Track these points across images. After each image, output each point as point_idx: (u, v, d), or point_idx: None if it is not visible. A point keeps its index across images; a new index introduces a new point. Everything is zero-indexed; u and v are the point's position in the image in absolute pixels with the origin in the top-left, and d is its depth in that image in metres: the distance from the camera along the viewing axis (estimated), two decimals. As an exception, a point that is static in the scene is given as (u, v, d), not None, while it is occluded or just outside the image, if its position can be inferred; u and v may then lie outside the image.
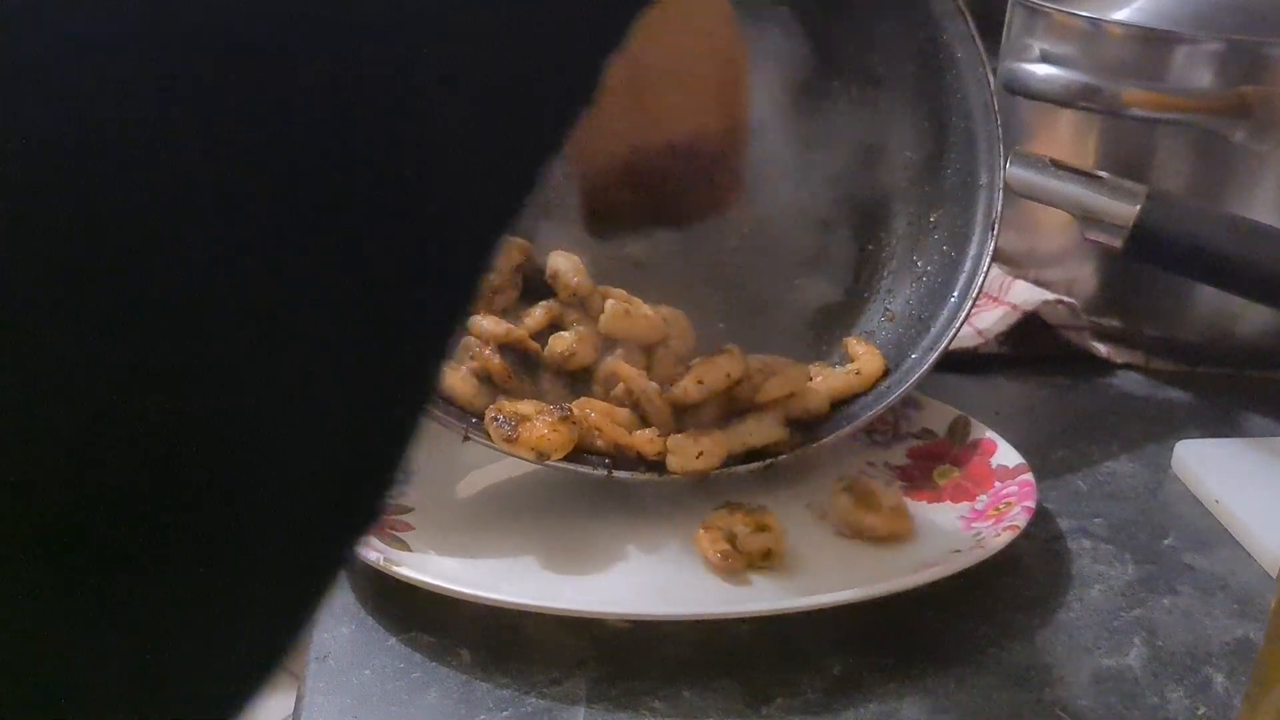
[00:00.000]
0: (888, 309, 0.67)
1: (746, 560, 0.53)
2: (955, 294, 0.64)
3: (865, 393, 0.62)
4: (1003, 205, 0.82)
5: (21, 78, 0.16)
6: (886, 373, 0.62)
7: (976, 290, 0.63)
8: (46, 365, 0.16)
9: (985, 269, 0.63)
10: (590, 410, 0.56)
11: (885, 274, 0.68)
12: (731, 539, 0.53)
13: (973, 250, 0.64)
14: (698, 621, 0.50)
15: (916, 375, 0.61)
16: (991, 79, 0.62)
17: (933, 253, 0.66)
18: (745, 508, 0.55)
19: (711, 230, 0.61)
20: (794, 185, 0.66)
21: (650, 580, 0.53)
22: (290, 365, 0.19)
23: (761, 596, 0.51)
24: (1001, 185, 0.63)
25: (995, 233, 0.63)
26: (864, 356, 0.63)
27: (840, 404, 0.61)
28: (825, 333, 0.67)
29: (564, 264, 0.60)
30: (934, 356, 0.62)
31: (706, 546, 0.53)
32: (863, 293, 0.68)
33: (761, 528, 0.54)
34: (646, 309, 0.59)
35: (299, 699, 0.47)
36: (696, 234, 0.62)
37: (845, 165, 0.67)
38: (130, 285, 0.17)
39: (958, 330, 0.62)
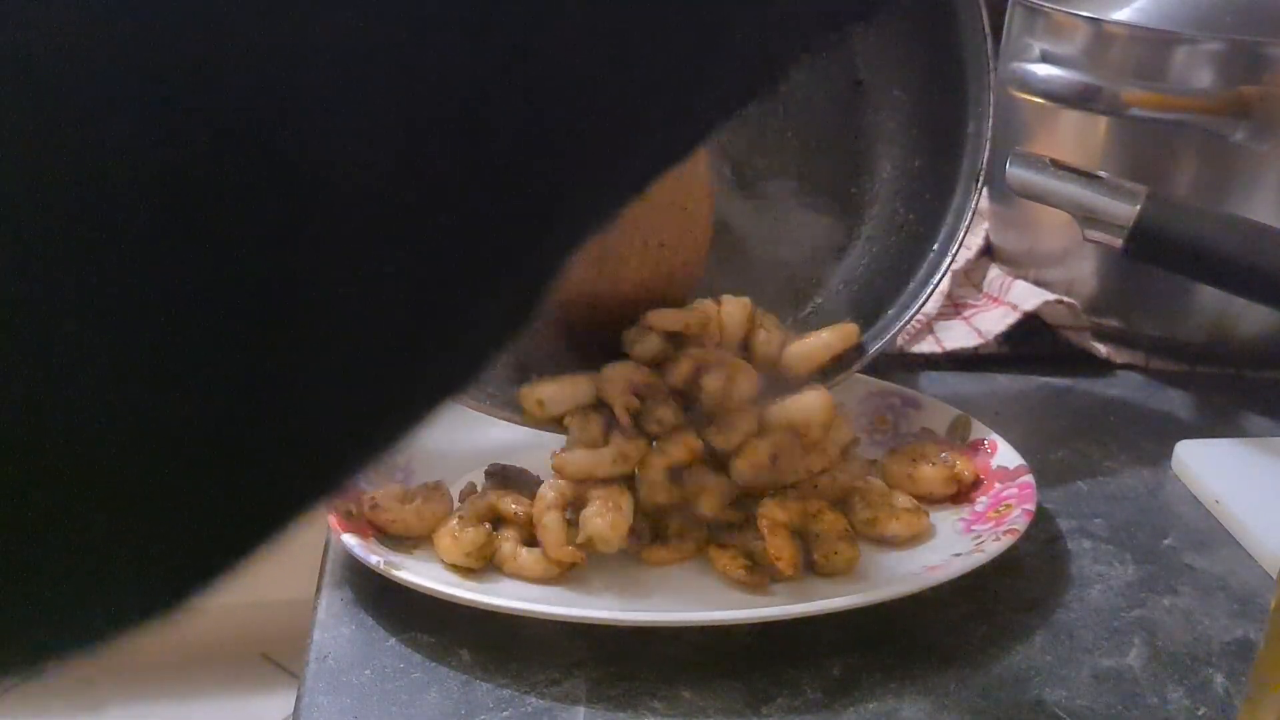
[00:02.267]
0: (868, 256, 0.66)
1: (770, 574, 0.52)
2: (936, 246, 0.62)
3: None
4: (1002, 204, 0.82)
5: None
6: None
7: (958, 244, 0.61)
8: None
9: (967, 222, 0.61)
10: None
11: (867, 219, 0.66)
12: (749, 554, 0.52)
13: (955, 202, 0.62)
14: (698, 622, 0.50)
15: (893, 330, 0.60)
16: (987, 26, 0.60)
17: (916, 201, 0.64)
18: (752, 521, 0.54)
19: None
20: (778, 119, 0.65)
21: (651, 585, 0.53)
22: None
23: (762, 602, 0.51)
24: (989, 136, 0.61)
25: (980, 185, 0.61)
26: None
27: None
28: (806, 275, 0.65)
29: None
30: (911, 312, 0.61)
31: (727, 565, 0.52)
32: (844, 237, 0.67)
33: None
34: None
35: (299, 699, 0.47)
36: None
37: (831, 99, 0.65)
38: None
39: (937, 284, 0.61)
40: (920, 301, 0.61)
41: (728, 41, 0.24)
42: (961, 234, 0.61)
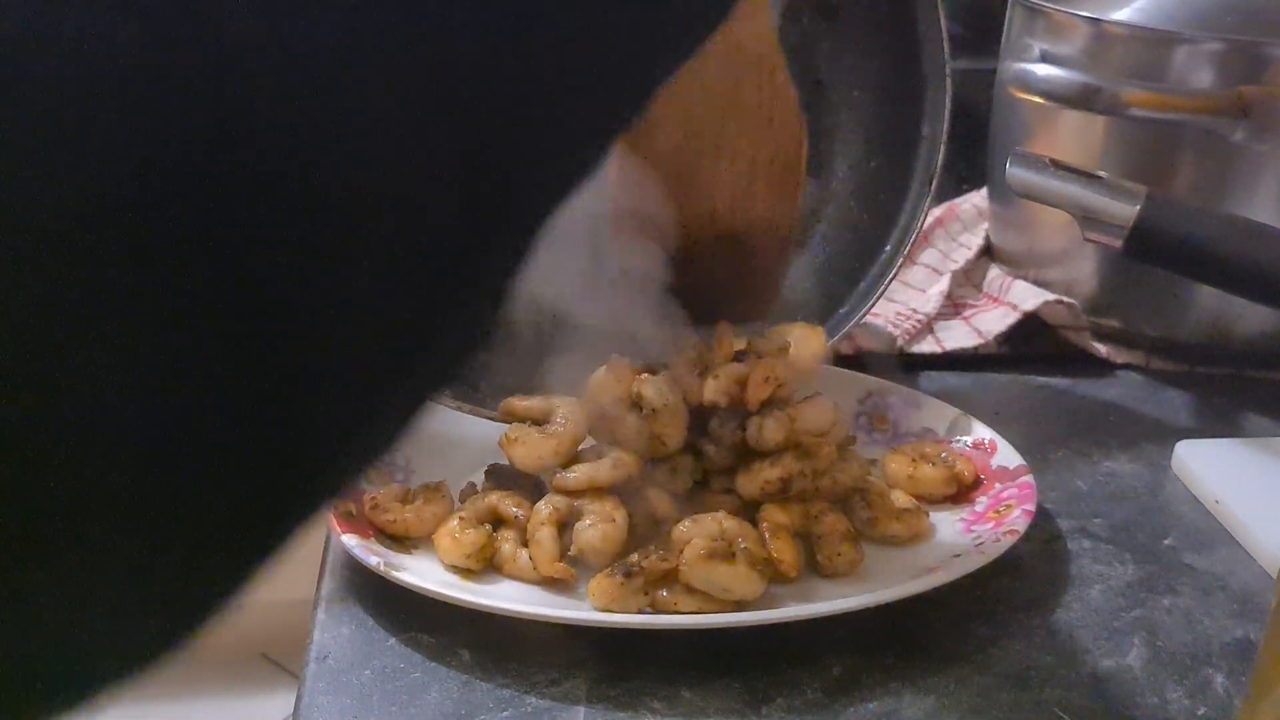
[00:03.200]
0: (823, 254, 0.66)
1: (771, 576, 0.52)
2: (889, 246, 0.63)
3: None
4: (1002, 205, 0.81)
5: None
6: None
7: (909, 243, 0.62)
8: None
9: (920, 223, 0.62)
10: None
11: (823, 218, 0.67)
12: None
13: (909, 204, 0.63)
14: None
15: (844, 330, 0.61)
16: (945, 29, 0.61)
17: (871, 201, 0.65)
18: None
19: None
20: None
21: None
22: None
23: (763, 604, 0.51)
24: (944, 139, 0.62)
25: (932, 187, 0.62)
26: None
27: None
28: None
29: None
30: (864, 310, 0.62)
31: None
32: (800, 234, 0.67)
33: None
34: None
35: (299, 699, 0.47)
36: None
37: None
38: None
39: (889, 283, 0.62)
40: (872, 300, 0.62)
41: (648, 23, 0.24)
42: (914, 234, 0.62)
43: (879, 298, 0.62)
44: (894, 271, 0.62)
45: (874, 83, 0.65)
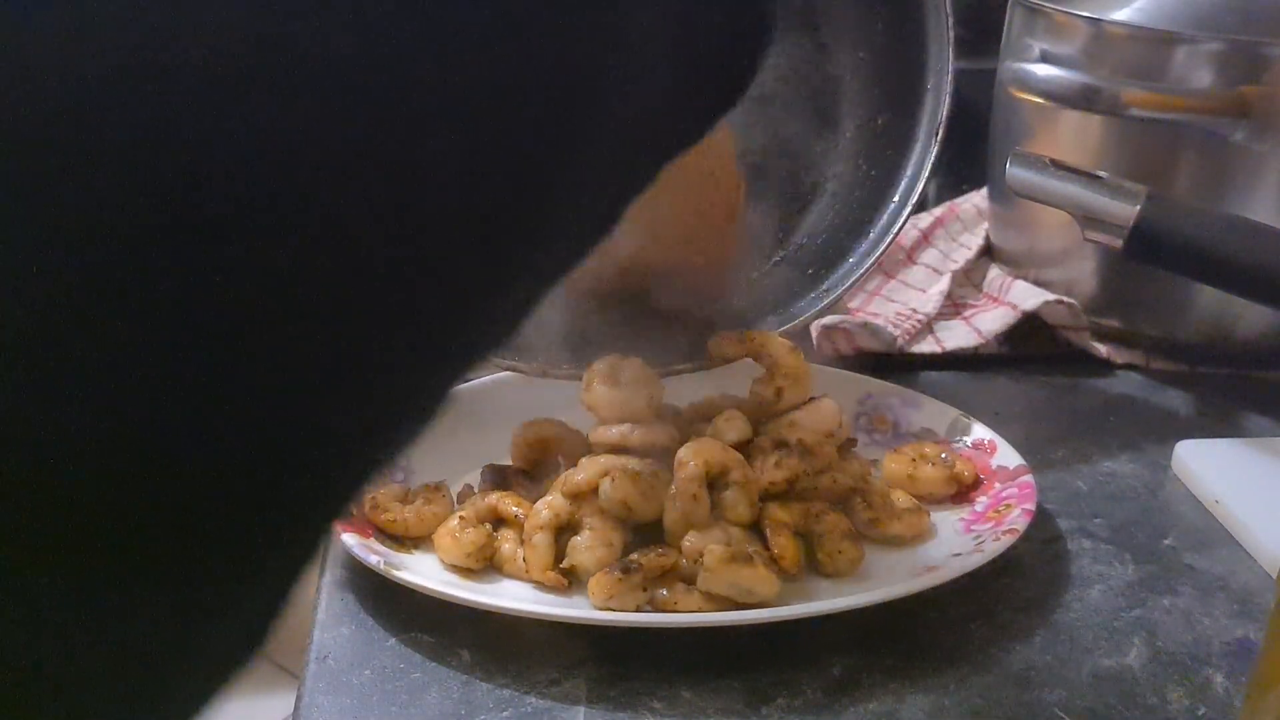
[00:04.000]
0: (831, 211, 0.67)
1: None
2: (895, 198, 0.64)
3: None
4: (1002, 205, 0.81)
5: None
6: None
7: (916, 195, 0.63)
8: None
9: (926, 175, 0.63)
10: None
11: (831, 176, 0.68)
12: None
13: (915, 156, 0.64)
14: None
15: (852, 279, 0.62)
16: None
17: (878, 157, 0.66)
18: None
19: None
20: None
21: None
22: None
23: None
24: (948, 92, 0.63)
25: (938, 138, 0.63)
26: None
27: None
28: (771, 229, 0.67)
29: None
30: (871, 261, 0.63)
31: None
32: (809, 193, 0.68)
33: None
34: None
35: (299, 699, 0.47)
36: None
37: (798, 60, 0.66)
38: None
39: (895, 235, 0.63)
40: (879, 250, 0.63)
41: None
42: (920, 186, 0.64)
43: (888, 247, 0.63)
44: (902, 222, 0.63)
45: (877, 42, 0.66)
